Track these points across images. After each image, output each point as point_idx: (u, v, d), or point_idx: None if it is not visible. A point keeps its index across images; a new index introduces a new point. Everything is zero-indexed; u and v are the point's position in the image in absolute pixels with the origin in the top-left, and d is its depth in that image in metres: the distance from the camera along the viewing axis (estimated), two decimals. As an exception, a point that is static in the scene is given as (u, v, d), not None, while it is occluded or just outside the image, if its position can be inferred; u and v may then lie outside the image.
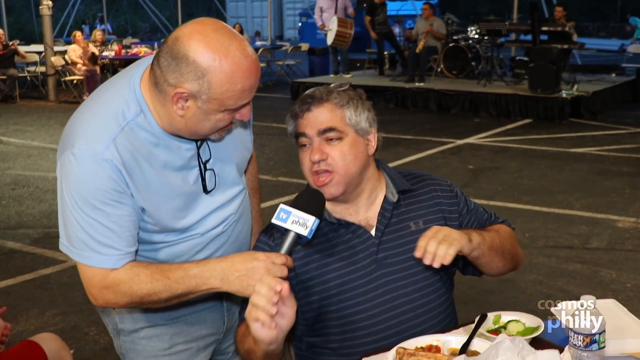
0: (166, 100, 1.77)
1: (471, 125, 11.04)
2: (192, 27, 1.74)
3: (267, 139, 9.92)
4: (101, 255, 1.82)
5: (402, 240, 2.06)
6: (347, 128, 2.01)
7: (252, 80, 1.77)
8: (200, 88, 1.72)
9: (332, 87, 2.06)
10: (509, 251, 2.15)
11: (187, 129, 1.82)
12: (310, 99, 2.02)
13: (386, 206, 2.09)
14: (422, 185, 2.17)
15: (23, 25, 29.01)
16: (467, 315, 2.24)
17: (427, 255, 1.85)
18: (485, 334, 1.91)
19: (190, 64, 1.70)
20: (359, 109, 2.03)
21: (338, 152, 1.99)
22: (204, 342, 2.16)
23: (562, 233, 5.96)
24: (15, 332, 4.12)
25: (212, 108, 1.76)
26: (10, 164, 8.88)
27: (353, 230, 2.06)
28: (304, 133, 2.01)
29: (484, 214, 2.23)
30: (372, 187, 2.11)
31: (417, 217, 2.11)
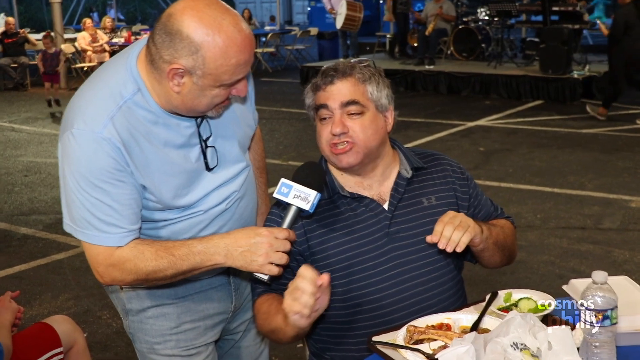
0: (162, 77, 1.78)
1: (482, 107, 10.98)
2: (185, 3, 1.74)
3: (277, 123, 9.91)
4: (105, 233, 1.83)
5: (414, 215, 2.08)
6: (368, 103, 2.02)
7: (246, 54, 1.77)
8: (194, 63, 1.72)
9: (353, 62, 2.07)
10: (509, 249, 2.19)
11: (184, 106, 1.83)
12: (333, 72, 2.02)
13: (399, 182, 2.10)
14: (436, 163, 2.19)
15: (33, 13, 29.02)
16: (478, 296, 2.23)
17: (442, 240, 1.87)
18: (496, 312, 1.91)
19: (184, 40, 1.71)
20: (380, 85, 2.05)
21: (359, 125, 2.00)
22: (211, 321, 2.17)
23: (574, 214, 5.93)
24: (29, 316, 4.16)
25: (208, 83, 1.76)
26: (22, 151, 8.92)
27: (366, 203, 2.07)
28: (326, 105, 2.01)
29: (491, 205, 2.26)
30: (387, 163, 2.12)
31: (430, 194, 2.12)
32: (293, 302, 1.74)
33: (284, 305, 1.76)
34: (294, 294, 1.74)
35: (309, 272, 1.74)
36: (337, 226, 2.05)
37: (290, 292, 1.75)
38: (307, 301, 1.72)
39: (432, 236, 1.89)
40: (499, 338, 1.63)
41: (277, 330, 1.91)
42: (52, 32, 14.53)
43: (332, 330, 2.08)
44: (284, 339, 1.91)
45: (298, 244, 2.01)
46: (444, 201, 2.12)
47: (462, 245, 1.87)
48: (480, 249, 2.01)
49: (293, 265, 2.01)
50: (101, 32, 14.89)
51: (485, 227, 2.02)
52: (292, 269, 2.02)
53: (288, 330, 1.84)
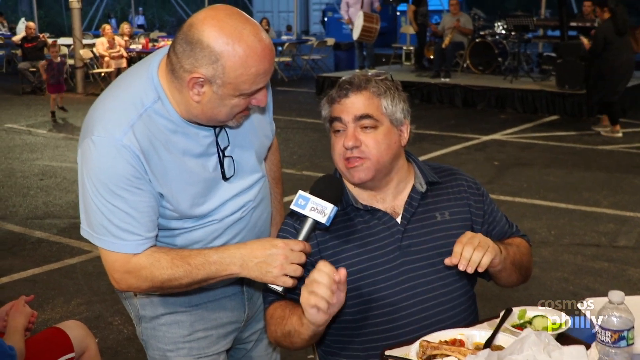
0: (182, 86, 1.79)
1: (497, 121, 10.95)
2: (206, 13, 1.76)
3: (292, 132, 9.92)
4: (122, 240, 1.84)
5: (427, 229, 2.07)
6: (382, 117, 2.01)
7: (265, 64, 1.78)
8: (214, 72, 1.73)
9: (370, 75, 2.06)
10: (525, 267, 2.17)
11: (204, 115, 1.83)
12: (348, 85, 2.02)
13: (414, 195, 2.09)
14: (451, 178, 2.18)
15: (53, 18, 29.28)
16: (491, 311, 2.22)
17: (462, 261, 1.86)
18: (510, 329, 1.90)
19: (205, 49, 1.72)
20: (395, 99, 2.04)
21: (372, 140, 1.99)
22: (224, 329, 2.17)
23: (589, 231, 5.89)
24: (41, 320, 4.18)
25: (227, 93, 1.77)
26: (38, 155, 8.99)
27: (379, 216, 2.06)
28: (340, 118, 2.01)
29: (506, 223, 2.24)
30: (401, 177, 2.11)
31: (444, 209, 2.11)
32: (310, 295, 1.74)
33: (301, 299, 1.76)
34: (311, 287, 1.74)
35: (327, 266, 1.74)
36: (349, 238, 2.04)
37: (307, 286, 1.75)
38: (324, 293, 1.72)
39: (452, 257, 1.87)
40: (512, 356, 1.61)
41: (292, 332, 1.90)
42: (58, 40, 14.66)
43: (342, 343, 2.07)
44: (298, 342, 1.91)
45: (311, 255, 2.01)
46: (458, 217, 2.11)
47: (484, 266, 1.86)
48: (498, 269, 2.00)
49: (306, 276, 2.01)
50: (119, 38, 14.99)
51: (503, 247, 2.00)
52: (305, 280, 2.02)
53: (303, 331, 1.85)
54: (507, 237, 2.21)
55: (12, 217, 6.49)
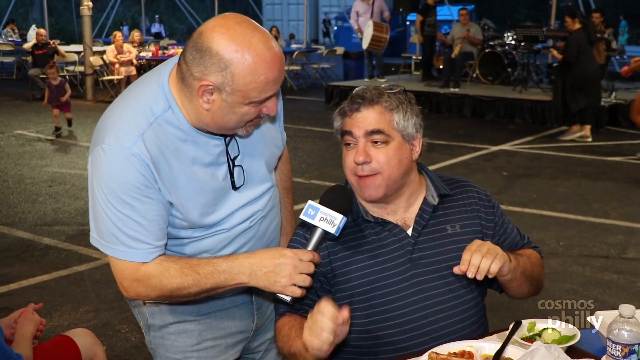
0: (192, 94, 1.79)
1: (506, 131, 10.93)
2: (215, 21, 1.77)
3: (301, 141, 9.93)
4: (131, 249, 1.85)
5: (437, 242, 2.06)
6: (394, 132, 2.00)
7: (275, 72, 1.78)
8: (223, 80, 1.74)
9: (383, 88, 2.05)
10: (537, 279, 2.16)
11: (214, 123, 1.84)
12: (360, 99, 2.01)
13: (425, 208, 2.09)
14: (462, 190, 2.17)
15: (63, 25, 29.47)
16: (499, 322, 2.21)
17: (470, 268, 1.85)
18: (520, 341, 1.89)
19: (214, 56, 1.73)
20: (407, 114, 2.03)
21: (383, 155, 1.99)
22: (232, 339, 2.17)
23: (598, 242, 5.86)
24: (48, 327, 4.18)
25: (237, 100, 1.77)
26: (47, 162, 9.02)
27: (390, 228, 2.06)
28: (351, 132, 2.00)
29: (517, 234, 2.23)
30: (412, 190, 2.10)
31: (455, 221, 2.10)
32: (312, 339, 1.74)
33: (304, 338, 1.77)
34: (313, 331, 1.74)
35: (329, 308, 1.73)
36: (360, 250, 2.04)
37: (309, 328, 1.75)
38: (327, 338, 1.73)
39: (460, 265, 1.87)
40: (522, 369, 1.61)
41: (298, 355, 1.91)
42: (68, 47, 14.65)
43: (352, 354, 2.06)
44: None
45: (321, 265, 2.01)
46: (469, 229, 2.10)
47: (493, 272, 1.86)
48: (508, 278, 1.99)
49: (316, 286, 2.02)
50: (129, 45, 15.05)
51: (513, 257, 2.00)
52: (315, 290, 2.02)
53: (308, 357, 1.85)
54: (519, 249, 2.20)
55: (21, 223, 6.51)
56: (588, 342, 1.93)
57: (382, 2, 14.17)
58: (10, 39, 19.95)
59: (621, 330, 1.67)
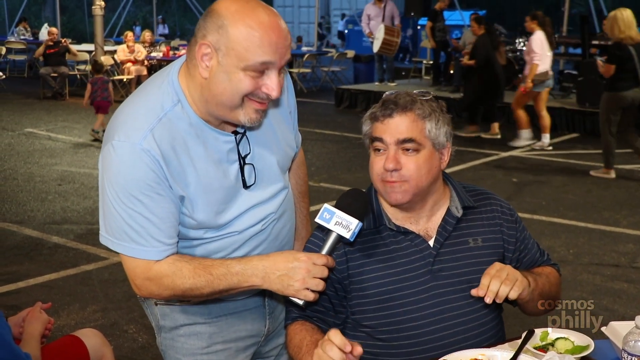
0: (195, 67, 1.80)
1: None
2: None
3: (310, 144, 9.92)
4: (142, 246, 1.84)
5: (459, 254, 2.04)
6: (425, 140, 1.97)
7: (273, 35, 1.74)
8: (219, 37, 1.74)
9: (415, 94, 2.01)
10: (553, 297, 2.12)
11: (212, 96, 1.80)
12: (393, 105, 1.97)
13: (449, 219, 2.06)
14: (486, 203, 2.14)
15: (75, 24, 29.55)
16: (508, 330, 2.19)
17: (489, 294, 1.84)
18: (532, 351, 1.87)
19: (214, 16, 1.75)
20: (439, 122, 2.00)
21: (413, 164, 1.96)
22: (243, 343, 2.15)
23: (608, 250, 5.83)
24: (56, 326, 4.17)
25: (231, 62, 1.74)
26: (57, 160, 9.04)
27: (411, 238, 2.04)
28: (381, 139, 1.97)
29: (537, 250, 2.21)
30: (436, 199, 2.08)
31: (477, 234, 2.08)
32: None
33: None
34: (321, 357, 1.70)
35: (337, 337, 1.69)
36: (380, 258, 2.02)
37: (319, 357, 1.71)
38: None
39: (478, 289, 1.86)
40: (536, 379, 1.59)
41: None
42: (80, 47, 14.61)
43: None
44: None
45: (337, 271, 2.00)
46: (490, 243, 2.08)
47: (512, 298, 1.85)
48: (526, 300, 1.97)
49: (330, 293, 2.01)
50: (140, 45, 15.08)
51: (532, 279, 1.98)
52: (329, 297, 2.01)
53: None
54: (538, 265, 2.18)
55: (29, 221, 6.52)
56: (602, 352, 1.91)
57: (393, 6, 14.16)
58: (23, 37, 20.02)
59: (637, 342, 1.65)
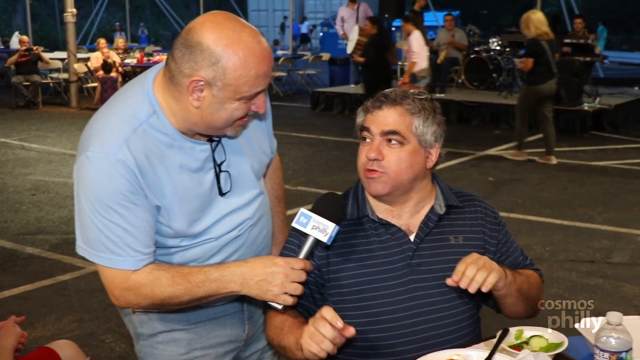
0: (182, 93, 1.78)
1: (492, 137, 10.97)
2: (204, 18, 1.78)
3: (287, 147, 9.90)
4: (120, 257, 1.83)
5: (438, 250, 2.06)
6: (411, 136, 2.01)
7: (264, 66, 1.78)
8: (215, 74, 1.74)
9: (410, 92, 2.06)
10: (533, 300, 2.14)
11: (203, 122, 1.83)
12: (384, 98, 2.03)
13: (431, 216, 2.09)
14: (470, 204, 2.17)
15: (47, 32, 29.31)
16: (485, 329, 2.20)
17: (464, 279, 1.84)
18: (507, 349, 1.88)
19: (205, 51, 1.72)
20: (428, 120, 2.03)
21: (395, 156, 1.99)
22: (223, 349, 2.15)
23: (584, 247, 5.88)
24: (31, 337, 4.13)
25: (227, 96, 1.77)
26: (31, 170, 8.94)
27: (393, 232, 2.05)
28: (369, 129, 2.02)
29: (520, 254, 2.23)
30: (421, 197, 2.10)
31: (459, 233, 2.10)
32: (311, 344, 1.74)
33: (303, 341, 1.76)
34: (314, 338, 1.74)
35: (330, 314, 1.73)
36: (359, 249, 2.04)
37: (311, 333, 1.74)
38: (327, 346, 1.73)
39: (454, 275, 1.86)
40: (510, 378, 1.59)
41: (288, 350, 1.91)
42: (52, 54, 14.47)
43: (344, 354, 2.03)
44: (293, 358, 1.91)
45: (318, 258, 2.01)
46: (471, 242, 2.09)
47: (489, 285, 1.84)
48: (502, 293, 1.98)
49: (312, 288, 2.02)
50: (113, 52, 14.97)
51: (510, 273, 1.98)
52: (311, 292, 2.03)
53: (299, 355, 1.84)
54: (519, 269, 2.19)
55: (3, 232, 6.44)
56: (576, 349, 1.93)
57: (367, 7, 14.21)
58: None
59: (609, 337, 1.66)
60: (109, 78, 10.26)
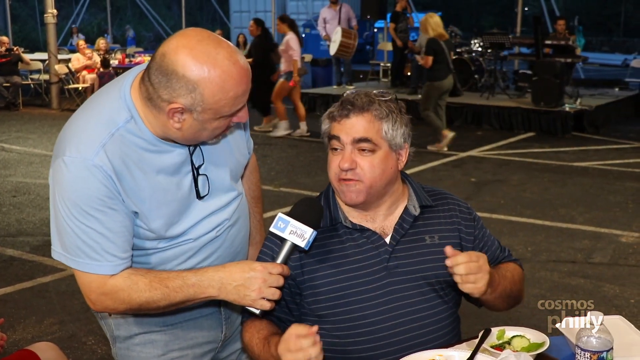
0: (161, 114, 1.78)
1: (474, 137, 11.02)
2: (177, 41, 1.73)
3: (269, 149, 9.90)
4: (96, 262, 1.82)
5: (415, 251, 2.05)
6: (381, 141, 1.98)
7: (243, 85, 1.77)
8: (193, 101, 1.72)
9: (374, 94, 2.02)
10: (515, 296, 2.16)
11: (184, 139, 1.84)
12: (350, 105, 1.98)
13: (406, 217, 2.07)
14: (443, 202, 2.16)
15: (27, 33, 29.05)
16: (468, 329, 2.21)
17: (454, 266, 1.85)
18: (489, 350, 1.88)
19: (181, 79, 1.70)
20: (396, 123, 2.01)
21: (368, 164, 1.97)
22: (200, 350, 2.14)
23: (565, 247, 5.92)
24: (12, 340, 4.10)
25: (208, 117, 1.77)
26: (11, 171, 8.87)
27: (368, 235, 2.04)
28: (338, 137, 1.98)
29: (498, 247, 2.23)
30: (394, 199, 2.09)
31: (434, 232, 2.09)
32: None
33: None
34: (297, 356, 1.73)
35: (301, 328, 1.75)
36: (335, 255, 2.02)
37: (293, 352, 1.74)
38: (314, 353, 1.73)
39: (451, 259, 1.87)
40: (492, 378, 1.60)
41: None
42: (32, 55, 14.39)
43: None
44: None
45: (292, 266, 1.99)
46: (447, 241, 2.08)
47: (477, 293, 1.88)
48: (486, 297, 2.00)
49: (287, 299, 2.01)
50: (95, 53, 14.87)
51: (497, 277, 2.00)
52: (286, 302, 2.01)
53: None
54: (499, 262, 2.20)
55: (-17, 234, 6.38)
56: (557, 349, 1.94)
57: (349, 9, 14.21)
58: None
59: (590, 337, 1.67)
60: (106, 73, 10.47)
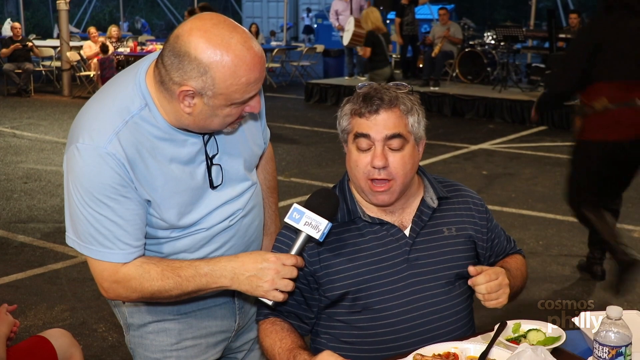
0: (173, 98, 1.76)
1: (485, 130, 10.97)
2: (192, 24, 1.72)
3: (280, 139, 9.88)
4: (109, 250, 1.82)
5: (434, 243, 2.05)
6: (409, 135, 1.97)
7: (256, 72, 1.74)
8: (204, 85, 1.71)
9: (392, 88, 1.98)
10: (520, 288, 2.17)
11: (196, 125, 1.81)
12: (379, 101, 1.93)
13: (424, 210, 2.07)
14: (457, 194, 2.16)
15: (39, 19, 29.15)
16: (479, 322, 2.20)
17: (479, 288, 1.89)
18: (505, 343, 1.87)
19: (193, 61, 1.69)
20: (419, 116, 2.00)
21: (400, 160, 1.94)
22: (213, 339, 2.14)
23: (577, 242, 5.88)
24: (23, 326, 4.11)
25: (219, 103, 1.75)
26: (23, 158, 8.89)
27: (387, 228, 2.03)
28: (368, 135, 1.93)
29: (505, 238, 2.24)
30: (412, 192, 2.08)
31: (451, 224, 2.09)
32: None
33: None
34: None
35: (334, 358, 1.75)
36: (355, 248, 2.01)
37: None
38: None
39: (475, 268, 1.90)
40: (509, 372, 1.59)
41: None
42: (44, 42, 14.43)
43: (341, 350, 2.00)
44: None
45: (308, 263, 1.98)
46: (464, 232, 2.08)
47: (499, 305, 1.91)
48: None
49: (302, 287, 2.00)
50: (107, 41, 14.88)
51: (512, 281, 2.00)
52: (300, 291, 1.99)
53: None
54: (507, 254, 2.21)
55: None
56: (573, 343, 1.92)
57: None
58: (-15, 33, 19.66)
59: (608, 332, 1.66)
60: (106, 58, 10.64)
